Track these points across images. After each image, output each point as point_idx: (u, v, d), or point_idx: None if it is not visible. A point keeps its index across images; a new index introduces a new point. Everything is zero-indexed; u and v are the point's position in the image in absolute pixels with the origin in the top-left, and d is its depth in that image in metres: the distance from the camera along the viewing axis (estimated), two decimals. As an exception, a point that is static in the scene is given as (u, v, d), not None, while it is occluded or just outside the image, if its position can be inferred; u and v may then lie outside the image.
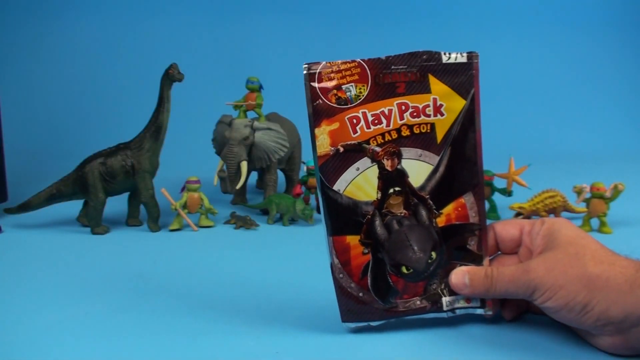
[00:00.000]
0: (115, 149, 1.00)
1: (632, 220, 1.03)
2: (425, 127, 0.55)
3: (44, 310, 0.64)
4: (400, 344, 0.55)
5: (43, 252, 0.88)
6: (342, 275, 0.56)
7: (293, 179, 1.24)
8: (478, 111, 0.56)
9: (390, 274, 0.56)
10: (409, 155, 0.56)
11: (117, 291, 0.70)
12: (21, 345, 0.56)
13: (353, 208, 0.55)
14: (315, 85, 0.54)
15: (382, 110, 0.55)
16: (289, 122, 1.22)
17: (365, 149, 0.55)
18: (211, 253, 0.87)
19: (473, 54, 0.56)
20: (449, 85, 0.55)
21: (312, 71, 0.54)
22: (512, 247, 0.58)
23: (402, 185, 0.56)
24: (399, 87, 0.55)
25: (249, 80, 1.17)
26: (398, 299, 0.56)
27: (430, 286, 0.57)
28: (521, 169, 1.09)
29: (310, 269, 0.76)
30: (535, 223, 0.57)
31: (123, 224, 1.04)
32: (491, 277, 0.53)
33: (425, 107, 0.55)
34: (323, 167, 0.55)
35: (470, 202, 0.57)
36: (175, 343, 0.56)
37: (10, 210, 1.02)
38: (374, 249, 0.56)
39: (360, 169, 0.55)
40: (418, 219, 0.56)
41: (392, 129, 0.55)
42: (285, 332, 0.58)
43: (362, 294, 0.56)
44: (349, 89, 0.54)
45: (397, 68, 0.55)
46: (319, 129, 0.54)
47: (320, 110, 0.54)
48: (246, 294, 0.69)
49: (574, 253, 0.51)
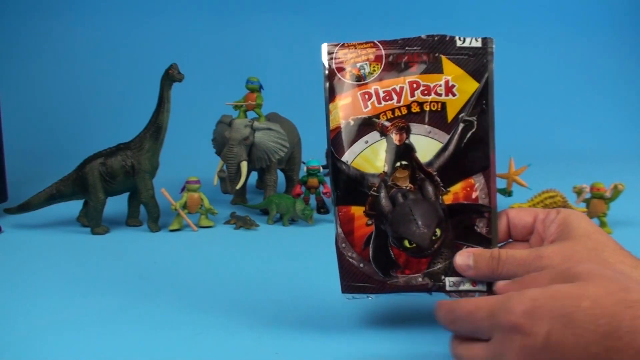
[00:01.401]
0: (115, 149, 1.00)
1: (632, 220, 1.03)
2: (436, 105, 0.56)
3: (43, 310, 0.64)
4: (401, 344, 0.55)
5: (43, 252, 0.88)
6: (345, 245, 0.56)
7: (293, 179, 1.24)
8: (491, 94, 0.56)
9: (392, 246, 0.56)
10: (418, 131, 0.56)
11: (117, 291, 0.70)
12: (21, 345, 0.56)
13: (360, 179, 0.56)
14: (332, 63, 0.57)
15: (394, 88, 0.56)
16: (289, 122, 1.22)
17: (375, 122, 0.56)
18: (211, 253, 0.87)
19: (488, 39, 0.56)
20: (463, 69, 0.56)
21: (330, 51, 0.57)
22: (525, 235, 0.57)
23: (410, 159, 0.56)
24: (412, 66, 0.56)
25: (249, 81, 1.17)
26: (399, 272, 0.56)
27: (434, 265, 0.56)
28: (521, 169, 1.09)
29: (311, 269, 0.76)
30: (550, 211, 0.55)
31: (123, 224, 1.04)
32: (498, 259, 0.51)
33: (437, 86, 0.56)
34: (334, 140, 0.56)
35: (481, 183, 0.56)
36: (175, 343, 0.56)
37: (10, 210, 1.02)
38: (378, 220, 0.56)
39: (369, 142, 0.56)
40: (424, 194, 0.56)
41: (402, 105, 0.56)
42: (286, 332, 0.58)
43: (362, 265, 0.56)
44: (364, 67, 0.56)
45: (411, 49, 0.56)
46: (333, 104, 0.56)
47: (335, 86, 0.57)
48: (246, 294, 0.69)
49: (592, 247, 0.49)
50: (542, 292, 0.41)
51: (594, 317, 0.38)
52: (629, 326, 0.37)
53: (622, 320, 0.37)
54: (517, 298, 0.41)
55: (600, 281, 0.40)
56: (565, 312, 0.39)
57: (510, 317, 0.41)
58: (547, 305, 0.40)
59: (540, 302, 0.40)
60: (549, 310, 0.39)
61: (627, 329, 0.37)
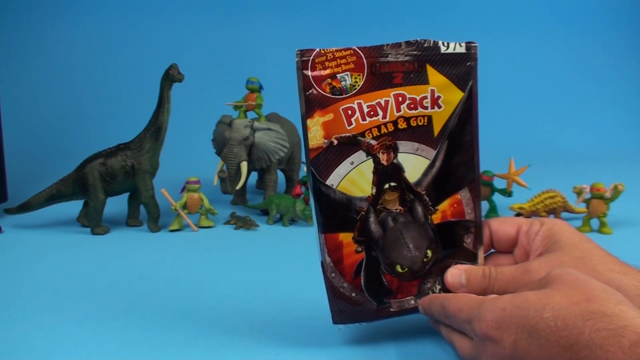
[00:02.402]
0: (115, 150, 1.00)
1: (632, 220, 1.03)
2: (423, 119, 0.53)
3: (43, 311, 0.64)
4: (402, 346, 0.55)
5: (43, 252, 0.88)
6: (334, 275, 0.53)
7: (293, 180, 1.24)
8: (475, 104, 0.53)
9: (384, 273, 0.54)
10: (406, 149, 0.53)
11: (117, 291, 0.70)
12: (21, 346, 0.56)
13: (346, 204, 0.52)
14: (308, 73, 0.51)
15: (379, 102, 0.52)
16: (289, 122, 1.22)
17: (360, 141, 0.52)
18: (211, 253, 0.87)
19: (472, 44, 0.53)
20: (447, 77, 0.53)
21: (305, 58, 0.51)
22: (508, 246, 0.56)
23: (398, 180, 0.53)
24: (396, 77, 0.52)
25: (249, 81, 1.17)
26: (392, 298, 0.54)
27: (424, 285, 0.55)
28: (521, 170, 1.09)
29: (310, 269, 0.76)
30: (532, 223, 0.54)
31: (123, 224, 1.04)
32: (489, 277, 0.51)
33: (423, 99, 0.53)
34: (315, 161, 0.52)
35: (467, 198, 0.55)
36: (175, 343, 0.56)
37: (10, 210, 1.02)
38: (368, 246, 0.53)
39: (354, 162, 0.52)
40: (414, 215, 0.53)
41: (388, 121, 0.52)
42: (286, 332, 0.58)
43: (354, 294, 0.54)
44: (344, 78, 0.51)
45: (394, 57, 0.52)
46: (311, 120, 0.51)
47: (313, 100, 0.51)
48: (246, 295, 0.69)
49: (579, 257, 0.49)
50: (511, 301, 0.42)
51: (556, 328, 0.39)
52: (588, 340, 0.38)
53: (582, 334, 0.38)
54: (488, 306, 0.44)
55: (566, 289, 0.41)
56: (529, 323, 0.40)
57: (481, 325, 0.43)
58: (514, 315, 0.41)
59: (508, 311, 0.42)
60: (515, 321, 0.41)
61: (586, 343, 0.38)
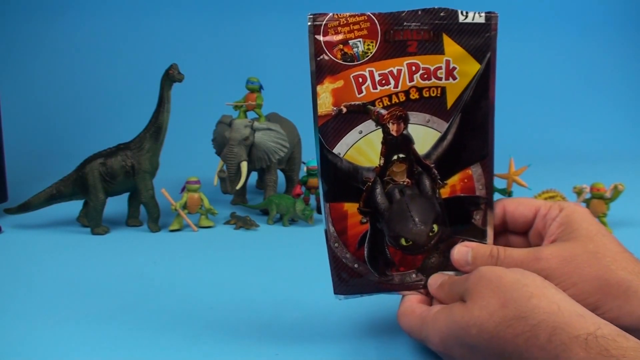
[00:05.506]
0: (115, 150, 1.00)
1: (632, 220, 1.03)
2: (436, 90, 0.51)
3: (43, 311, 0.64)
4: (402, 343, 0.55)
5: (43, 252, 0.88)
6: (338, 245, 0.53)
7: (293, 179, 1.24)
8: (493, 77, 0.52)
9: (388, 245, 0.53)
10: (416, 120, 0.52)
11: (117, 291, 0.70)
12: (21, 346, 0.56)
13: (353, 173, 0.52)
14: (320, 38, 0.50)
15: (391, 70, 0.50)
16: (289, 122, 1.22)
17: (370, 110, 0.51)
18: (211, 253, 0.87)
19: (492, 15, 0.51)
20: (464, 47, 0.51)
21: (317, 23, 0.50)
22: (523, 228, 0.54)
23: (407, 152, 0.52)
24: (410, 45, 0.50)
25: (249, 81, 1.17)
26: (394, 270, 0.53)
27: (429, 260, 0.53)
28: (521, 170, 1.09)
29: (311, 270, 0.76)
30: (552, 207, 0.52)
31: (123, 224, 1.04)
32: (497, 257, 0.49)
33: (437, 70, 0.51)
34: (323, 128, 0.51)
35: (478, 173, 0.53)
36: (175, 343, 0.56)
37: (10, 210, 1.02)
38: (373, 218, 0.52)
39: (363, 132, 0.51)
40: (421, 189, 0.52)
41: (400, 90, 0.51)
42: (286, 332, 0.58)
43: (357, 265, 0.53)
44: (357, 45, 0.50)
45: (409, 25, 0.50)
46: (321, 87, 0.50)
47: (323, 66, 0.50)
48: (246, 295, 0.69)
49: (593, 251, 0.46)
50: (446, 322, 0.46)
51: (485, 341, 0.42)
52: (513, 346, 0.40)
53: (506, 342, 0.40)
54: (430, 330, 0.47)
55: (482, 299, 0.43)
56: (465, 342, 0.44)
57: (432, 346, 0.48)
58: (452, 335, 0.45)
59: (446, 332, 0.45)
60: (455, 340, 0.45)
61: (512, 349, 0.40)
